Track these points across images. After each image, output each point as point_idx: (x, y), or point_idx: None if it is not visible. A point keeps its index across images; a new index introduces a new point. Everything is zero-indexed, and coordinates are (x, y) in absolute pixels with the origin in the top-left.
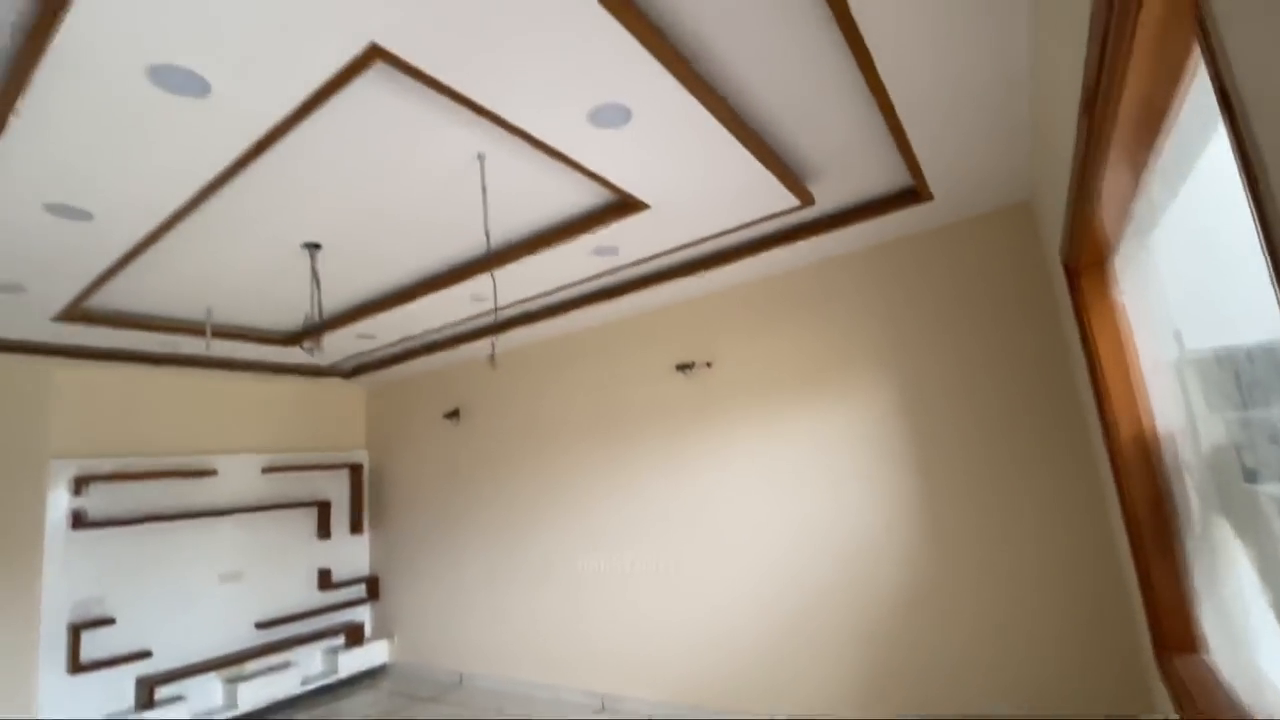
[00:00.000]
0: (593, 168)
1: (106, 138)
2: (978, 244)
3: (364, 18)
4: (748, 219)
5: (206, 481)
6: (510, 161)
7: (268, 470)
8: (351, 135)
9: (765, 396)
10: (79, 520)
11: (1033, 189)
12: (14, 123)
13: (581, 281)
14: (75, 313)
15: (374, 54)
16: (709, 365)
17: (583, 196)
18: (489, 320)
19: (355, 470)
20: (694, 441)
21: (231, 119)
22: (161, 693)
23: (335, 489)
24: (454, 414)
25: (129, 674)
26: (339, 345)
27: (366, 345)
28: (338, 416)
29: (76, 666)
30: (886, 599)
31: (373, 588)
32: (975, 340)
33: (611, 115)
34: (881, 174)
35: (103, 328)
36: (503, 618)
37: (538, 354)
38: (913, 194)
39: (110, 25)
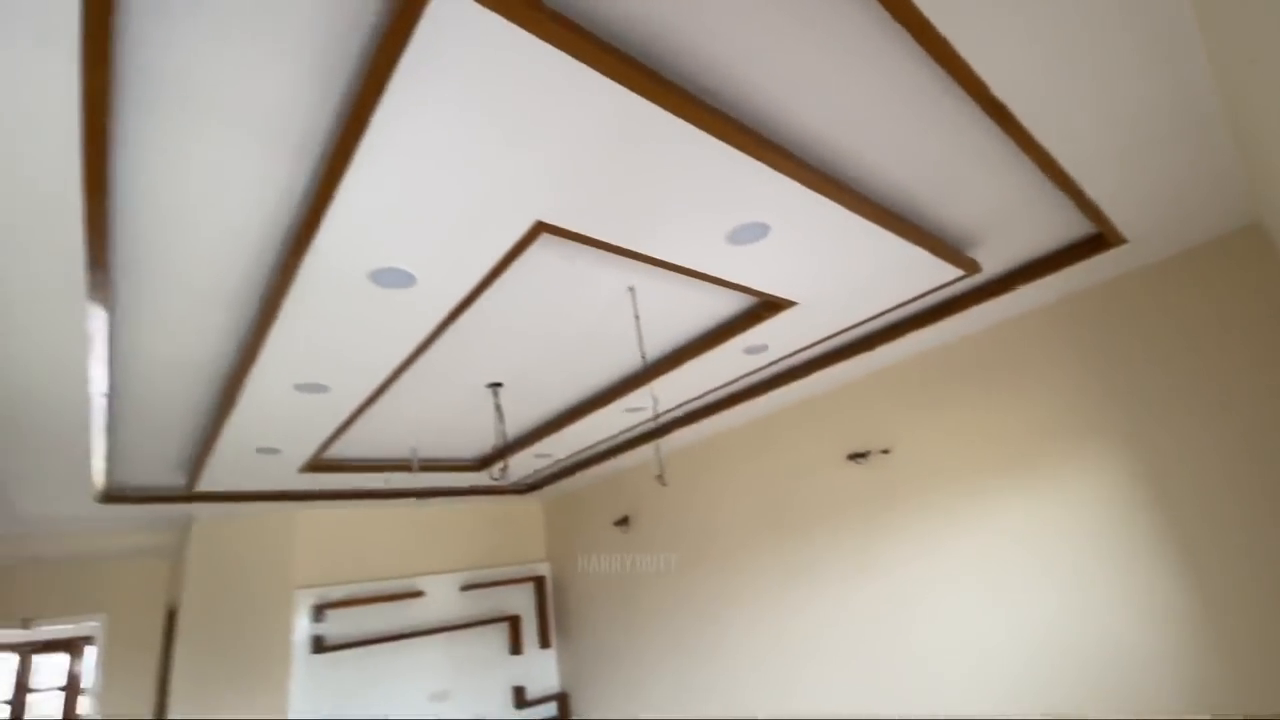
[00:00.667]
0: (736, 280)
1: (339, 327)
2: (1199, 279)
3: (529, 203)
4: (907, 297)
5: (416, 603)
6: (658, 287)
7: (465, 588)
8: (521, 293)
9: (959, 483)
10: (319, 645)
11: (1261, 209)
12: (275, 325)
13: (735, 380)
14: (315, 464)
15: (539, 228)
16: (886, 452)
17: (728, 305)
18: (650, 426)
19: (539, 582)
20: (878, 538)
21: (430, 300)
22: None
23: (523, 603)
24: (623, 521)
25: None
26: (518, 465)
27: (542, 463)
28: (521, 530)
29: None
30: None
31: (564, 707)
32: (1219, 391)
33: (749, 233)
34: (1057, 226)
35: (333, 473)
36: None
37: (700, 455)
38: (1099, 240)
39: (344, 244)
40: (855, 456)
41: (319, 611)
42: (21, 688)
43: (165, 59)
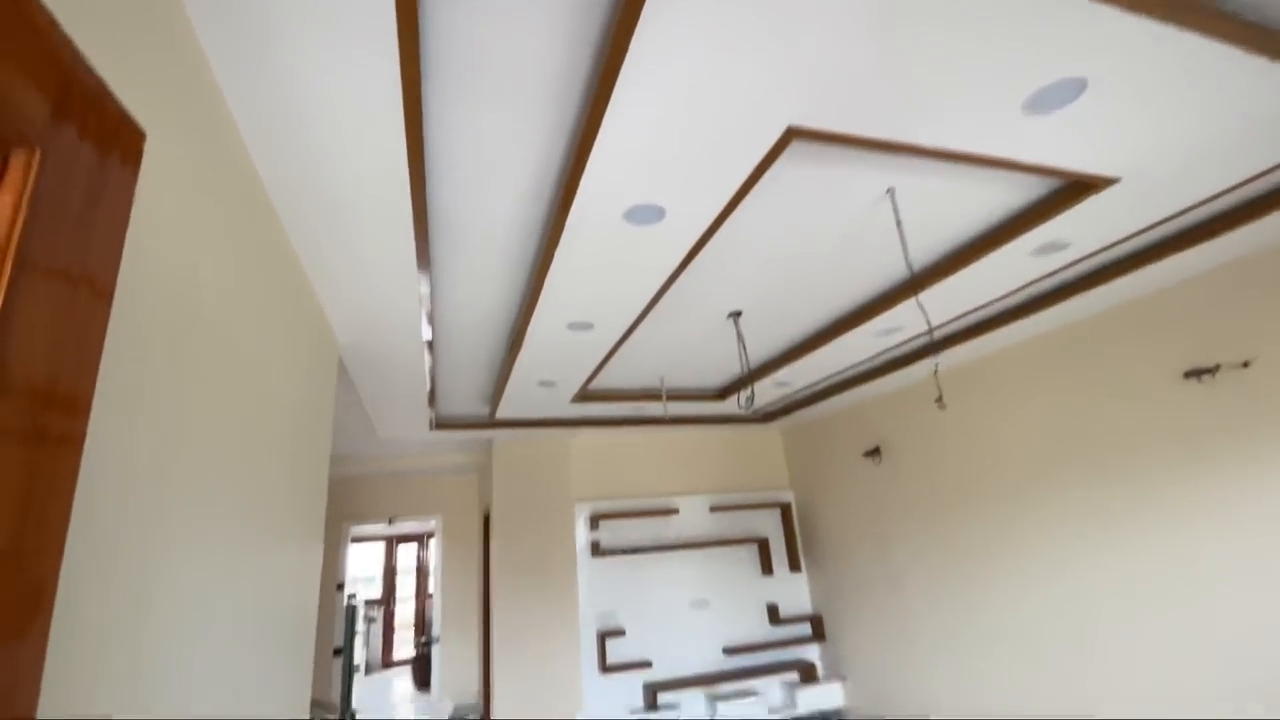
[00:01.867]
0: (1033, 160)
1: (599, 267)
2: None
3: (780, 109)
4: None
5: (673, 520)
6: (922, 184)
7: (714, 509)
8: (765, 214)
9: None
10: (596, 549)
11: None
12: (550, 272)
13: (1018, 289)
14: (583, 395)
15: (789, 136)
16: (1245, 365)
17: (1015, 195)
18: (898, 353)
19: (784, 509)
20: (1220, 481)
21: (678, 232)
22: (662, 699)
23: (771, 527)
24: (874, 452)
25: (637, 679)
26: (758, 394)
27: (781, 391)
28: (763, 459)
29: (605, 668)
30: None
31: (818, 627)
32: None
33: (1056, 95)
34: None
35: (596, 403)
36: (974, 677)
37: (967, 379)
38: None
39: (601, 189)
40: (1196, 374)
41: (595, 520)
42: (390, 569)
43: (454, 42)
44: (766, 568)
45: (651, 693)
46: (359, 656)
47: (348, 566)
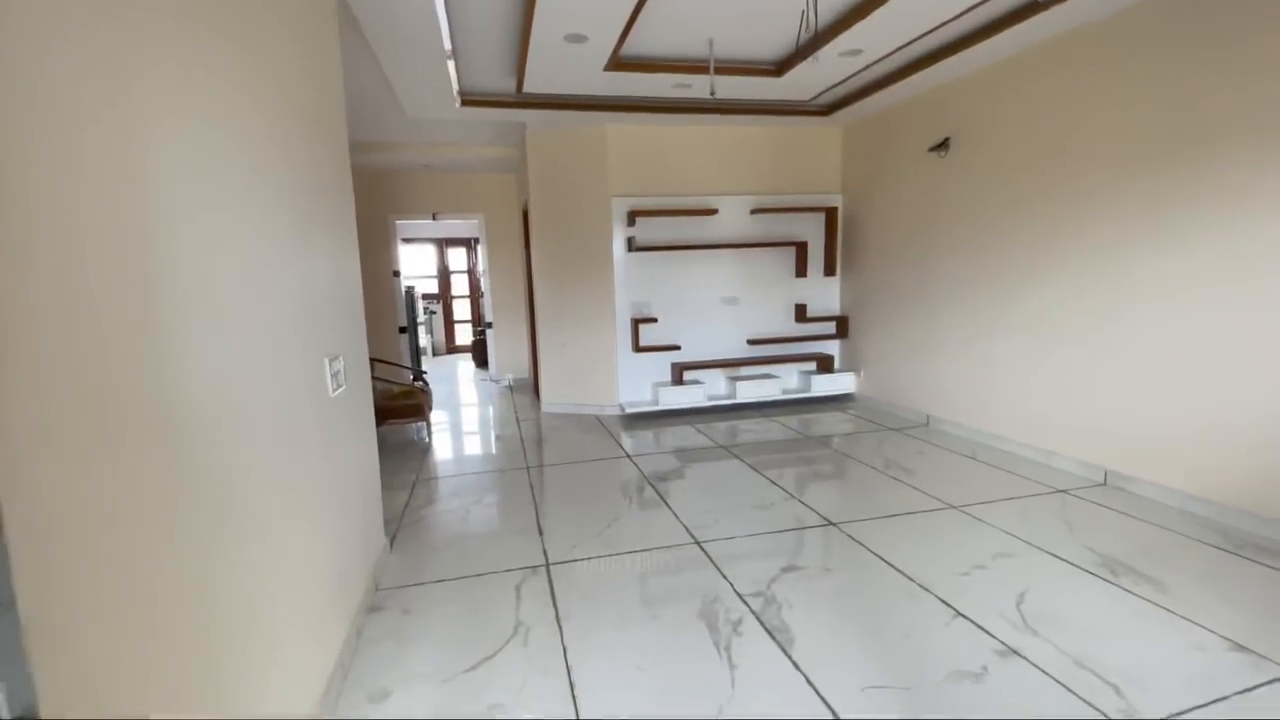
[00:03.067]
0: None
1: None
2: None
3: None
4: None
5: (710, 220)
6: None
7: (755, 211)
8: None
9: None
10: (631, 245)
11: None
12: None
13: None
14: (617, 62)
15: None
16: None
17: None
18: (992, 14)
19: (830, 214)
20: None
21: None
22: (687, 376)
23: (812, 231)
24: (942, 145)
25: (666, 360)
26: (823, 73)
27: (851, 66)
28: (815, 159)
29: (637, 347)
30: None
31: (842, 326)
32: None
33: None
34: None
35: (633, 73)
36: (982, 370)
37: (1059, 54)
38: None
39: None
40: None
41: (631, 217)
42: (444, 269)
43: None
44: (801, 270)
45: (678, 370)
46: (424, 340)
47: (399, 258)
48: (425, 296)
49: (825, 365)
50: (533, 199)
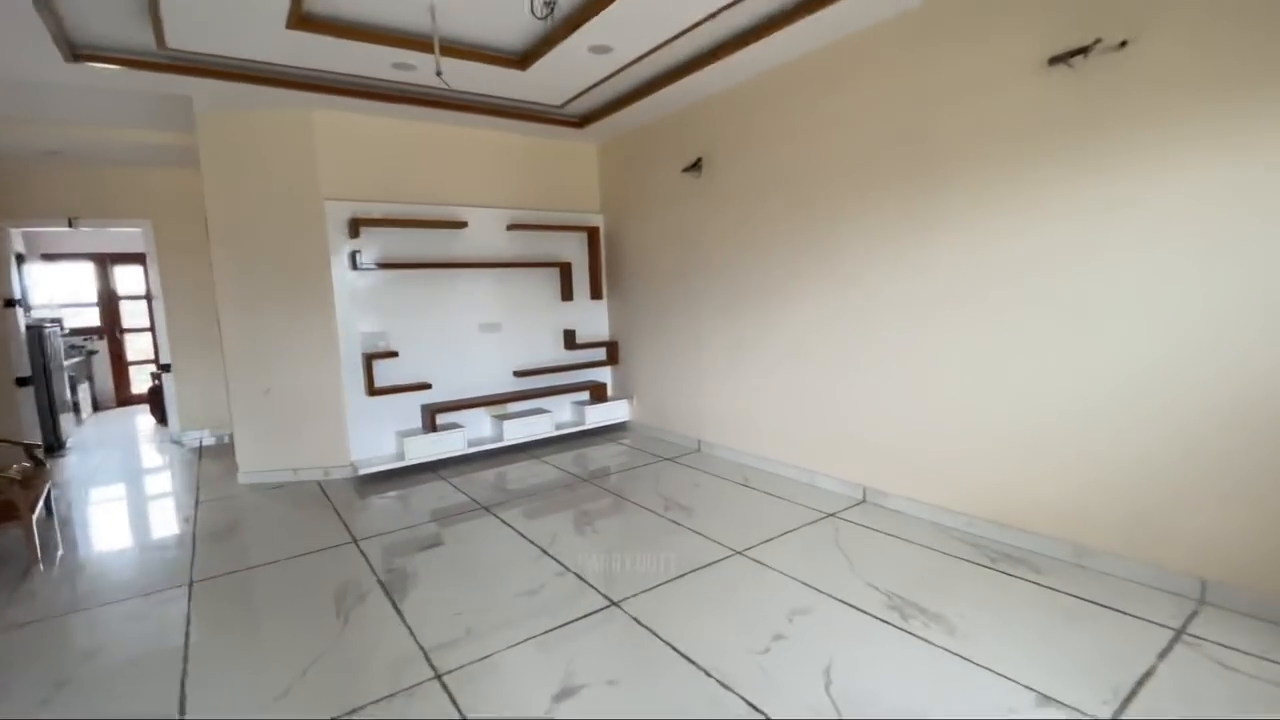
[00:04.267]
0: None
1: None
2: None
3: None
4: None
5: (460, 234)
6: None
7: (512, 227)
8: None
9: (1218, 97)
10: (356, 261)
11: None
12: None
13: None
14: (304, 19)
15: None
16: (1121, 45)
17: None
18: (741, 19)
19: (592, 233)
20: (1062, 177)
21: None
22: (441, 420)
23: (574, 251)
24: (694, 166)
25: (413, 401)
26: (569, 70)
27: (602, 68)
28: (573, 174)
29: (373, 389)
30: None
31: (612, 352)
32: None
33: None
34: None
35: (330, 37)
36: (748, 393)
37: (804, 72)
38: None
39: None
40: (1064, 57)
41: (355, 227)
42: (109, 294)
43: None
44: (567, 293)
45: (430, 414)
46: (81, 393)
47: (20, 282)
48: (77, 332)
49: (599, 394)
50: (209, 201)
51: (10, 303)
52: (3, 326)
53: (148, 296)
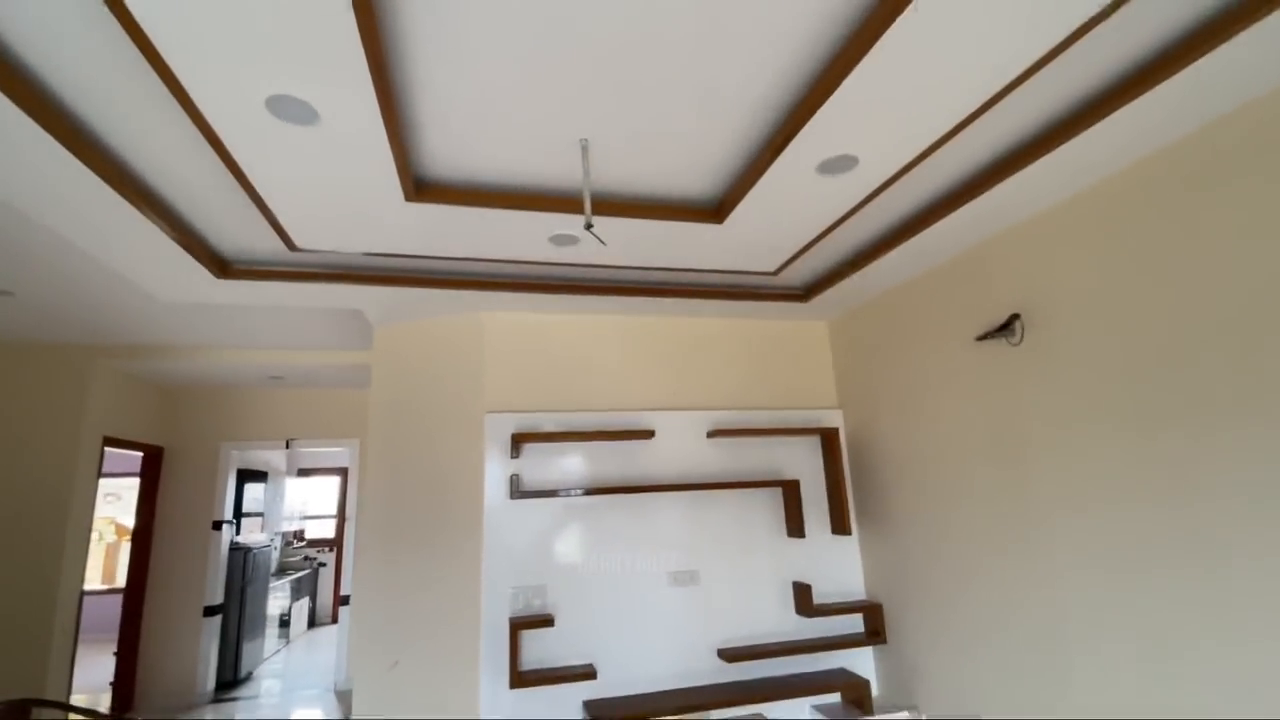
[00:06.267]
0: None
1: None
2: None
3: None
4: None
5: (645, 447)
6: None
7: (715, 434)
8: None
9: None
10: (517, 487)
11: None
12: None
13: None
14: (419, 186)
15: None
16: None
17: None
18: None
19: (829, 438)
20: None
21: None
22: None
23: (804, 464)
24: (1004, 327)
25: (572, 695)
26: (788, 208)
27: (841, 198)
28: (795, 363)
29: (517, 679)
30: None
31: (874, 620)
32: None
33: None
34: None
35: (458, 206)
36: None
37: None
38: None
39: None
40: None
41: (517, 444)
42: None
43: None
44: (795, 526)
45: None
46: (298, 609)
47: (228, 502)
48: (315, 544)
49: (857, 696)
50: (371, 426)
51: (218, 524)
52: (203, 551)
53: (339, 516)
